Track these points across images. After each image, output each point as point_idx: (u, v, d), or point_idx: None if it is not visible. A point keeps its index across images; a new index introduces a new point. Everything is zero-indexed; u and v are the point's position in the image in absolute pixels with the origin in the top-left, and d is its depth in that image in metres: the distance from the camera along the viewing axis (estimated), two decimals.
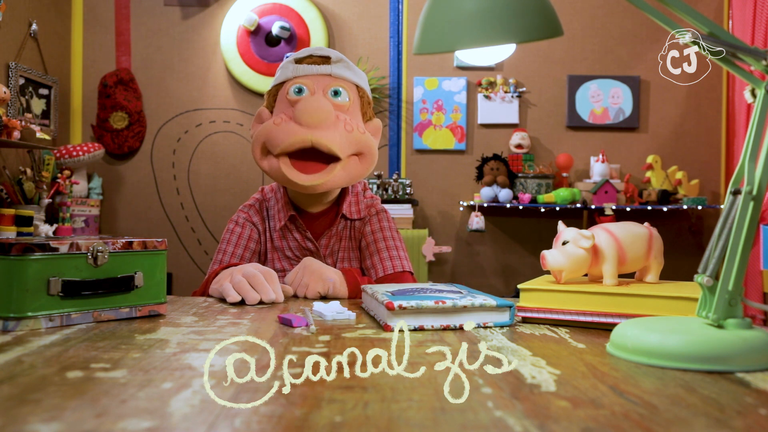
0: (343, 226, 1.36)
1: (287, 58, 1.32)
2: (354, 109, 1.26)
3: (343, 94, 1.24)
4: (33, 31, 3.05)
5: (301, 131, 1.17)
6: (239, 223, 1.36)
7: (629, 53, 3.51)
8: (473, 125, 3.54)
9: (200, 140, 3.52)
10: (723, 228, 0.65)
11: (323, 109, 1.17)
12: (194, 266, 3.51)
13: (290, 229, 1.34)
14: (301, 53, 1.30)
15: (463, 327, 0.82)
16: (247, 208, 1.38)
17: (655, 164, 3.40)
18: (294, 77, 1.26)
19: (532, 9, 0.72)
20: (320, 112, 1.16)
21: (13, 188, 2.77)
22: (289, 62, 1.30)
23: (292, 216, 1.32)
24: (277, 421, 0.44)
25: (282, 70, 1.30)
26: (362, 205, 1.38)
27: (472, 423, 0.44)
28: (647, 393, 0.52)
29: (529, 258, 3.52)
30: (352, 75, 1.29)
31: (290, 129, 1.17)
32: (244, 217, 1.36)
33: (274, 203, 1.37)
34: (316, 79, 1.24)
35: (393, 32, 3.53)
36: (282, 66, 1.31)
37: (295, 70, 1.27)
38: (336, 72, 1.26)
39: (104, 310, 0.83)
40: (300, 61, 1.28)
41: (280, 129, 1.19)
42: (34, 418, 0.44)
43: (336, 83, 1.25)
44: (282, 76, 1.29)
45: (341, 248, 1.35)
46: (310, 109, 1.16)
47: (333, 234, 1.34)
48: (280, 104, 1.26)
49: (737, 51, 0.64)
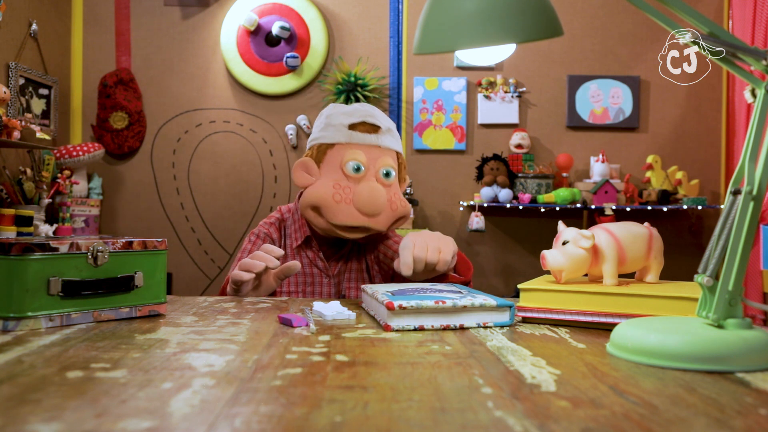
0: (352, 249, 1.44)
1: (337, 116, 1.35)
2: (397, 182, 1.37)
3: (392, 174, 1.34)
4: (33, 31, 3.05)
5: (360, 218, 1.29)
6: (260, 237, 1.44)
7: (629, 53, 3.51)
8: (473, 125, 3.54)
9: (200, 140, 3.52)
10: (723, 228, 0.65)
11: (382, 202, 1.30)
12: (194, 266, 3.51)
13: (304, 249, 1.42)
14: (353, 116, 1.34)
15: (463, 327, 0.82)
16: (268, 225, 1.46)
17: (655, 164, 3.40)
18: (347, 143, 1.32)
19: (532, 9, 0.72)
20: (380, 205, 1.29)
21: (13, 188, 2.77)
22: (342, 125, 1.34)
23: (308, 237, 1.41)
24: (277, 421, 0.44)
25: (333, 130, 1.34)
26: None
27: (472, 423, 0.44)
28: (647, 393, 0.52)
29: (529, 258, 3.52)
30: (396, 143, 1.38)
31: (351, 213, 1.29)
32: (264, 232, 1.44)
33: (291, 223, 1.45)
34: (368, 152, 1.32)
35: (393, 32, 3.53)
36: (332, 124, 1.35)
37: (349, 136, 1.32)
38: (384, 143, 1.34)
39: (104, 310, 0.83)
40: (353, 126, 1.33)
41: (340, 208, 1.28)
42: (34, 418, 0.44)
43: (384, 158, 1.33)
44: (334, 138, 1.33)
45: (347, 269, 1.43)
46: (371, 200, 1.28)
47: (343, 256, 1.42)
48: (334, 170, 1.32)
49: (737, 51, 0.64)
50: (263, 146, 3.52)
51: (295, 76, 3.46)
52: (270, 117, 3.52)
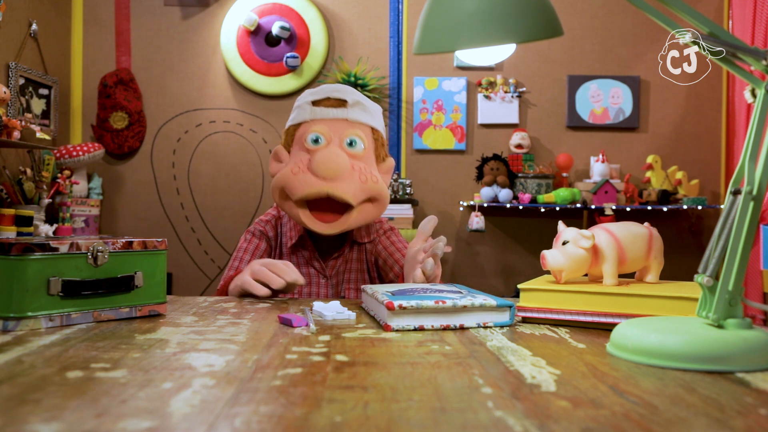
0: (350, 249, 1.40)
1: (303, 97, 1.33)
2: (368, 155, 1.30)
3: (358, 143, 1.27)
4: (33, 31, 3.05)
5: (318, 183, 1.21)
6: (255, 235, 1.41)
7: (629, 53, 3.51)
8: (473, 125, 3.54)
9: (200, 140, 3.52)
10: (723, 228, 0.65)
11: (339, 163, 1.22)
12: (194, 266, 3.51)
13: (299, 248, 1.39)
14: (317, 93, 1.31)
15: (463, 327, 0.82)
16: (264, 223, 1.43)
17: (655, 164, 3.40)
18: (311, 120, 1.28)
19: (532, 9, 0.72)
20: (336, 166, 1.21)
21: (13, 188, 2.77)
22: (306, 103, 1.31)
23: (302, 236, 1.37)
24: (277, 421, 0.44)
25: (299, 111, 1.32)
26: (372, 228, 1.44)
27: (472, 423, 0.44)
28: (647, 393, 0.52)
29: (529, 258, 3.52)
30: (368, 117, 1.31)
31: (308, 181, 1.22)
32: (260, 230, 1.42)
33: (287, 221, 1.42)
34: (332, 125, 1.27)
35: (393, 32, 3.53)
36: (298, 105, 1.33)
37: (312, 112, 1.29)
38: (352, 116, 1.29)
39: (104, 310, 0.83)
40: (317, 103, 1.30)
41: (298, 179, 1.23)
42: (34, 418, 0.44)
43: (352, 130, 1.27)
44: (299, 117, 1.31)
45: (347, 270, 1.40)
46: (328, 162, 1.21)
47: (341, 257, 1.39)
48: (297, 149, 1.29)
49: (737, 51, 0.64)
50: (263, 146, 3.52)
51: (295, 76, 3.46)
52: (270, 117, 3.52)
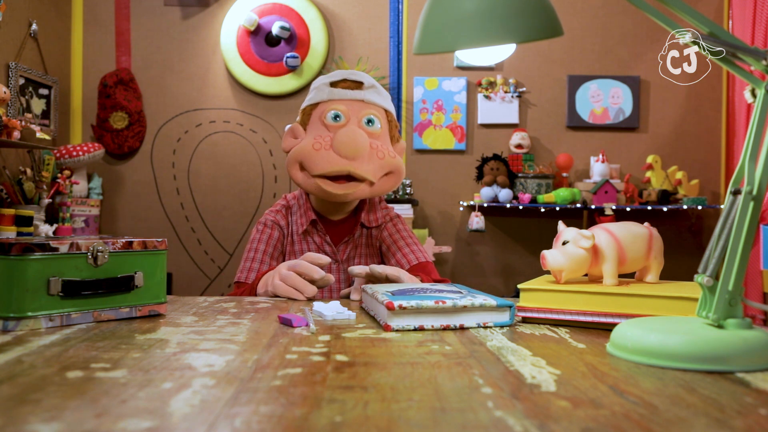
0: (360, 233, 1.44)
1: (321, 80, 1.39)
2: (384, 135, 1.36)
3: (375, 122, 1.34)
4: (33, 31, 3.05)
5: (341, 162, 1.28)
6: (268, 225, 1.44)
7: (629, 53, 3.51)
8: (473, 125, 3.54)
9: (200, 140, 3.52)
10: (723, 228, 0.65)
11: (361, 142, 1.28)
12: (194, 266, 3.51)
13: (311, 234, 1.42)
14: (335, 76, 1.37)
15: (463, 327, 0.82)
16: (274, 212, 1.46)
17: (655, 164, 3.40)
18: (329, 100, 1.34)
19: (532, 9, 0.72)
20: (358, 146, 1.27)
21: (13, 188, 2.77)
22: (323, 84, 1.37)
23: (313, 221, 1.41)
24: (277, 421, 0.44)
25: (317, 92, 1.37)
26: (379, 213, 1.47)
27: (472, 423, 0.44)
28: (647, 393, 0.52)
29: (529, 258, 3.52)
30: (382, 100, 1.38)
31: (331, 158, 1.28)
32: (271, 220, 1.45)
33: (296, 209, 1.45)
34: (350, 104, 1.33)
35: (393, 32, 3.53)
36: (316, 87, 1.39)
37: (330, 93, 1.35)
38: (368, 98, 1.35)
39: (104, 310, 0.83)
40: (335, 84, 1.36)
41: (320, 156, 1.29)
42: (34, 418, 0.44)
43: (369, 110, 1.34)
44: (317, 97, 1.36)
45: (357, 254, 1.44)
46: (349, 142, 1.27)
47: (351, 241, 1.43)
48: (316, 125, 1.34)
49: (737, 51, 0.64)
50: (263, 146, 3.52)
51: (295, 76, 3.46)
52: (270, 117, 3.52)
